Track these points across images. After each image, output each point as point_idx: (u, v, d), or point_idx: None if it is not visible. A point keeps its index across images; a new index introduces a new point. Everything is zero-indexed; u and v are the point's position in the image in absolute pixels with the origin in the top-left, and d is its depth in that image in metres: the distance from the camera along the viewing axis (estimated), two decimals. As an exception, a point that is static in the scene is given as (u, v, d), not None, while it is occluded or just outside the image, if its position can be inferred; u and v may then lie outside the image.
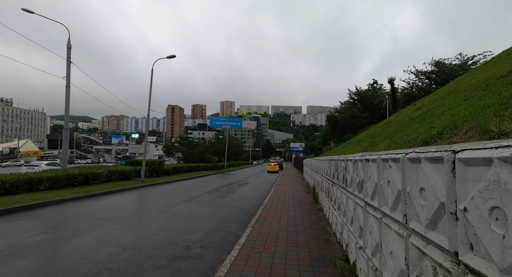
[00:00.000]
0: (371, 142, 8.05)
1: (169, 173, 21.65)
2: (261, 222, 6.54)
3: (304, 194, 12.12)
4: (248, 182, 20.13)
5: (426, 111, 7.37)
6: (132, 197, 10.98)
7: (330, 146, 43.24)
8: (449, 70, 24.88)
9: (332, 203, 5.91)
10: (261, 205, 9.22)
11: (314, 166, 11.62)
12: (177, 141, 35.35)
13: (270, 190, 14.15)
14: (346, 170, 4.10)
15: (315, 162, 10.98)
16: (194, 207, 9.16)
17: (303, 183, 18.34)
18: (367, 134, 13.05)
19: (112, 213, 7.68)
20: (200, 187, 15.73)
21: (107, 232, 5.77)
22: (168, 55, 15.74)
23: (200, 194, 12.53)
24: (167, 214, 7.82)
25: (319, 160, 9.13)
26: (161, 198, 11.11)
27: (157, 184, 15.87)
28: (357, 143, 11.77)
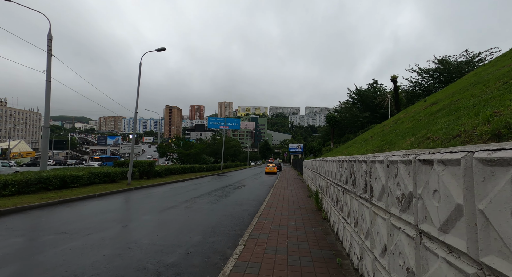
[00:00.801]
0: (384, 140, 6.95)
1: (161, 174, 20.43)
2: (256, 236, 5.38)
3: (305, 199, 10.97)
4: (244, 184, 18.97)
5: (450, 104, 6.38)
6: (113, 203, 9.77)
7: (330, 146, 42.20)
8: (454, 68, 23.89)
9: (343, 214, 4.77)
10: (257, 213, 8.05)
11: (316, 168, 10.48)
12: (172, 141, 34.00)
13: (267, 194, 12.99)
14: (370, 175, 2.95)
15: (317, 163, 9.84)
16: (180, 215, 7.98)
17: (303, 185, 17.21)
18: (374, 133, 11.95)
19: (80, 224, 6.48)
20: (192, 190, 14.54)
21: (61, 252, 4.58)
22: (157, 48, 14.56)
23: (191, 198, 11.35)
24: (146, 225, 6.64)
25: (323, 161, 7.99)
26: (145, 203, 9.92)
27: (146, 187, 14.65)
28: (363, 142, 10.67)
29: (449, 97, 8.55)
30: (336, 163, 5.45)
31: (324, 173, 7.58)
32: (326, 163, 7.16)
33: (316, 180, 10.41)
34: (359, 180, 3.48)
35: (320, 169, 8.84)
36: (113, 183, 14.49)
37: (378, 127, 13.79)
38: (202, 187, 16.33)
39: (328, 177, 6.63)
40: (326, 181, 7.21)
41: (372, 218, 2.87)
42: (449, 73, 25.09)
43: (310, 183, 14.33)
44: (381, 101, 34.70)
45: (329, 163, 6.55)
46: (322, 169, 8.26)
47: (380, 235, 2.57)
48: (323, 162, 7.84)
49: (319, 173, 9.00)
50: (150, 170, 18.50)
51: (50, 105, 13.69)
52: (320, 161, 8.84)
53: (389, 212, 2.33)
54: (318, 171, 9.36)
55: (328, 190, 6.66)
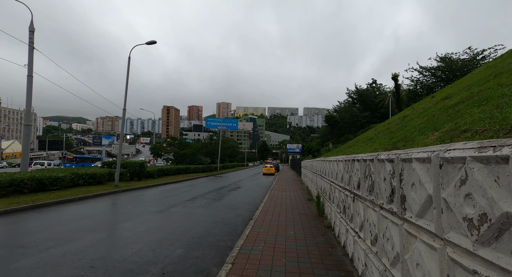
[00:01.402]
0: (394, 138, 6.14)
1: (153, 175, 19.50)
2: (248, 251, 4.51)
3: (305, 202, 10.12)
4: (240, 185, 18.10)
5: (471, 96, 5.67)
6: (93, 208, 8.86)
7: (329, 146, 41.45)
8: (458, 66, 23.15)
9: (352, 225, 3.93)
10: (251, 219, 7.19)
11: (316, 169, 9.63)
12: (167, 141, 32.98)
13: (264, 197, 12.13)
14: (401, 180, 2.11)
15: (318, 164, 9.00)
16: (165, 221, 7.10)
17: (302, 187, 16.36)
18: (378, 131, 11.14)
19: (44, 235, 5.58)
20: (185, 192, 13.65)
21: (3, 274, 3.70)
22: (147, 41, 13.67)
23: (181, 201, 10.46)
24: (122, 235, 5.76)
25: (325, 161, 7.15)
26: (129, 208, 9.02)
27: (134, 189, 13.73)
28: (367, 141, 9.86)
29: (464, 90, 7.78)
30: (343, 163, 4.60)
31: (327, 174, 6.74)
32: (329, 163, 6.32)
33: (316, 181, 9.57)
34: (379, 185, 2.63)
35: (321, 170, 7.99)
36: (100, 185, 13.56)
37: (382, 125, 13.00)
38: (196, 188, 15.44)
39: (332, 179, 5.79)
40: (329, 183, 6.37)
41: (405, 240, 2.02)
42: (451, 71, 24.38)
43: (309, 185, 13.50)
44: (381, 100, 33.99)
45: (333, 163, 5.70)
46: (324, 170, 7.41)
47: (423, 269, 1.72)
48: (325, 162, 7.00)
49: (321, 174, 8.16)
50: (141, 170, 17.58)
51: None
52: (321, 161, 8.00)
53: (445, 239, 1.48)
54: (319, 172, 8.52)
55: (332, 194, 5.82)
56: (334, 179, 5.47)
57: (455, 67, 23.72)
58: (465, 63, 23.15)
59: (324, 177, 7.37)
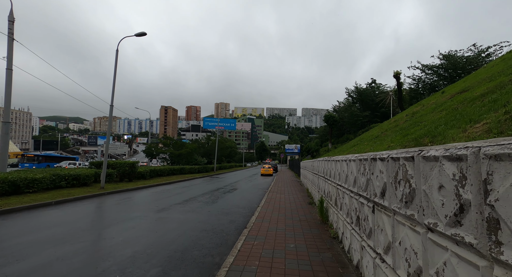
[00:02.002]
0: (409, 134, 5.34)
1: (145, 176, 18.55)
2: (238, 273, 3.62)
3: (305, 206, 9.24)
4: (237, 187, 17.20)
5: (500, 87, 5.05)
6: (69, 213, 7.93)
7: (328, 147, 40.67)
8: (463, 63, 22.42)
9: (370, 242, 3.05)
10: (245, 227, 6.31)
11: (318, 169, 8.76)
12: (162, 141, 31.98)
13: (261, 199, 11.25)
14: (487, 191, 1.22)
15: (321, 164, 8.12)
16: (147, 230, 6.20)
17: (302, 189, 15.49)
18: (385, 129, 10.30)
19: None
20: (177, 194, 12.74)
21: None
22: (136, 33, 12.75)
23: (170, 205, 9.54)
24: (92, 247, 4.84)
25: (330, 160, 6.28)
26: (110, 213, 8.10)
27: (122, 191, 12.78)
28: (375, 140, 9.01)
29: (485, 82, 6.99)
30: (355, 162, 3.73)
31: (332, 176, 5.86)
32: (335, 163, 5.43)
33: (318, 184, 8.69)
34: (429, 195, 1.75)
35: (325, 171, 7.12)
36: (85, 186, 12.60)
37: (387, 123, 12.17)
38: (189, 190, 14.52)
39: (340, 183, 4.91)
40: (335, 187, 5.49)
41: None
42: (455, 69, 23.66)
43: (310, 187, 12.63)
44: (382, 99, 33.25)
45: (341, 163, 4.82)
46: (328, 171, 6.54)
47: None
48: (330, 162, 6.12)
49: (324, 175, 7.28)
50: (131, 171, 16.63)
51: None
52: (324, 161, 7.12)
53: None
54: (322, 173, 7.64)
55: (340, 199, 4.94)
56: (343, 183, 4.59)
57: (459, 64, 22.99)
58: (470, 60, 22.42)
59: (328, 179, 6.49)
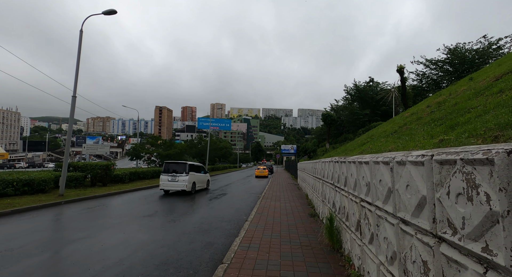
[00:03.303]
0: (457, 126, 3.48)
1: (124, 180, 16.46)
2: None
3: (306, 219, 7.33)
4: (227, 191, 15.24)
5: None
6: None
7: (326, 147, 38.95)
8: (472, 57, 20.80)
9: None
10: (221, 262, 4.36)
11: (323, 174, 6.85)
12: (149, 141, 29.86)
13: (252, 209, 9.32)
14: None
15: (327, 167, 6.20)
16: (80, 263, 4.20)
17: (300, 194, 13.60)
18: (403, 123, 8.44)
19: None
20: (153, 202, 10.74)
21: None
22: (104, 11, 10.73)
23: (135, 218, 7.55)
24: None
25: (343, 162, 4.37)
26: (48, 232, 6.07)
27: (87, 199, 10.71)
28: (393, 136, 7.15)
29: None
30: (429, 166, 1.79)
31: (351, 186, 3.94)
32: (358, 166, 3.51)
33: (323, 192, 6.78)
34: None
35: (335, 177, 5.20)
36: (40, 194, 10.50)
37: (402, 118, 10.35)
38: (170, 196, 12.50)
39: (371, 200, 2.99)
40: (357, 203, 3.58)
41: None
42: (463, 63, 22.07)
43: (310, 192, 10.74)
44: (383, 97, 31.62)
45: (372, 166, 2.91)
46: (342, 177, 4.62)
47: None
48: (346, 164, 4.20)
49: (333, 183, 5.36)
50: (106, 174, 14.54)
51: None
52: (334, 162, 5.20)
53: None
54: (330, 179, 5.73)
55: (371, 227, 3.00)
56: (380, 201, 2.67)
57: (467, 58, 21.40)
58: (479, 53, 20.82)
59: (341, 188, 4.59)
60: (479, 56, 20.61)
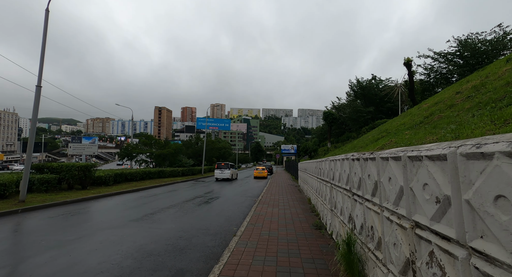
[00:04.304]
0: None
1: (108, 182, 14.96)
2: None
3: (310, 233, 5.83)
4: (220, 194, 13.75)
5: None
6: None
7: (327, 146, 37.46)
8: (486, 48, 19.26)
9: None
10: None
11: (332, 175, 5.34)
12: (142, 140, 28.34)
13: (245, 217, 7.83)
14: None
15: (339, 166, 4.68)
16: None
17: (301, 197, 12.10)
18: (430, 113, 6.95)
19: None
20: (132, 208, 9.27)
21: None
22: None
23: (105, 227, 6.06)
24: None
25: (374, 158, 2.87)
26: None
27: (53, 206, 9.22)
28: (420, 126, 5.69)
29: None
30: None
31: (390, 198, 2.44)
32: (410, 166, 2.01)
33: (334, 200, 5.27)
34: None
35: (357, 183, 3.69)
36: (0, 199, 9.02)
37: (420, 109, 8.87)
38: (155, 201, 11.02)
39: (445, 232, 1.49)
40: (415, 235, 2.08)
41: None
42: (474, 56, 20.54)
43: (313, 197, 9.25)
44: (387, 93, 30.10)
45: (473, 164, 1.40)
46: (371, 184, 3.12)
47: None
48: (386, 162, 2.70)
49: (351, 189, 3.86)
50: (85, 176, 13.05)
51: None
52: (355, 159, 3.70)
53: None
54: (345, 184, 4.22)
55: None
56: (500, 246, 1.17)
57: (480, 49, 19.88)
58: (493, 44, 19.29)
59: (364, 198, 3.09)
60: (493, 47, 19.11)
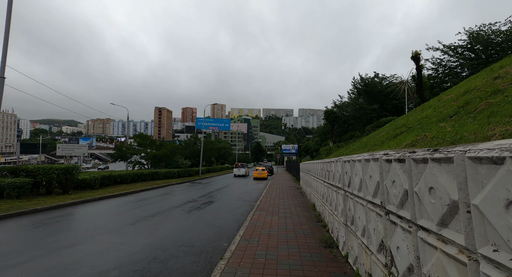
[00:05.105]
0: None
1: (94, 185, 13.75)
2: None
3: (319, 254, 4.60)
4: (215, 198, 12.54)
5: None
6: None
7: (329, 146, 36.20)
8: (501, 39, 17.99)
9: None
10: None
11: (346, 181, 4.11)
12: (136, 140, 27.23)
13: (240, 228, 6.62)
14: None
15: (359, 170, 3.45)
16: None
17: (304, 201, 10.87)
18: (458, 104, 5.76)
19: None
20: (112, 216, 8.08)
21: None
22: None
23: (63, 247, 4.86)
24: None
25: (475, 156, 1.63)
26: None
27: (15, 216, 8.00)
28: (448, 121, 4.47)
29: None
30: None
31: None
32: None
33: (353, 214, 4.03)
34: None
35: (399, 197, 2.46)
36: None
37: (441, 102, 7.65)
38: (139, 208, 9.81)
39: None
40: None
41: None
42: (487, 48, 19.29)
43: (319, 203, 8.03)
44: (392, 90, 28.82)
45: None
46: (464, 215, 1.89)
47: None
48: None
49: (388, 209, 2.63)
50: (66, 179, 11.86)
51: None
52: (398, 161, 2.48)
53: None
54: (374, 196, 2.99)
55: None
56: None
57: (494, 41, 18.61)
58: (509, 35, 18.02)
59: (439, 238, 1.86)
60: (508, 39, 17.84)
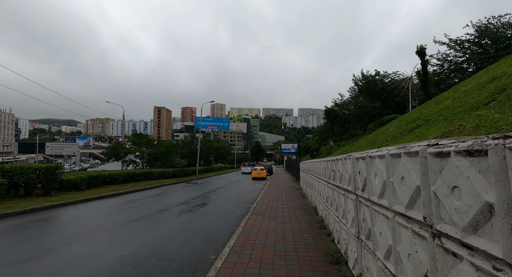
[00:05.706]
0: None
1: (80, 186, 12.88)
2: None
3: (323, 271, 3.73)
4: (209, 200, 11.69)
5: None
6: None
7: (330, 145, 35.35)
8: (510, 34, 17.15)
9: None
10: None
11: (360, 184, 3.23)
12: (131, 139, 26.34)
13: (231, 236, 5.74)
14: None
15: (382, 168, 2.58)
16: None
17: (304, 204, 10.01)
18: (482, 98, 4.91)
19: None
20: (91, 221, 7.20)
21: None
22: None
23: (9, 263, 3.99)
24: None
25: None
26: None
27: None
28: (482, 109, 3.60)
29: None
30: None
31: None
32: None
33: (373, 230, 3.15)
34: None
35: (476, 214, 1.58)
36: None
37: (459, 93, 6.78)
38: (125, 211, 8.94)
39: None
40: None
41: None
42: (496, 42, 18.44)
43: (321, 208, 7.15)
44: (395, 87, 27.96)
45: None
46: None
47: None
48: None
49: (472, 243, 1.76)
50: (47, 180, 10.98)
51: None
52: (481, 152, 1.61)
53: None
54: (421, 210, 2.10)
55: None
56: None
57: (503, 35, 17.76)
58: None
59: None
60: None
